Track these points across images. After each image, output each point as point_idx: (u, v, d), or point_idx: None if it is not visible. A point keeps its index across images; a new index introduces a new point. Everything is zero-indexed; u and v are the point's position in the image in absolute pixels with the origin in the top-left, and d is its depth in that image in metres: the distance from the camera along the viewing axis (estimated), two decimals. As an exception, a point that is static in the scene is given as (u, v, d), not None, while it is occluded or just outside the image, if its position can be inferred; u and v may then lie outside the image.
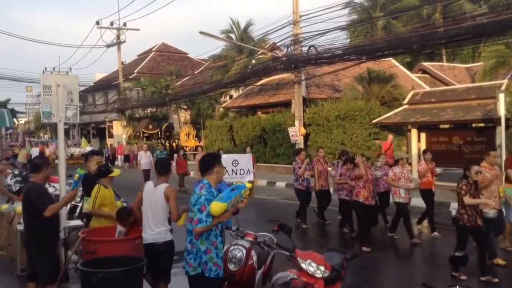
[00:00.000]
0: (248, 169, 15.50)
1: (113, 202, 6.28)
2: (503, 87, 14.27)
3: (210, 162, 4.65)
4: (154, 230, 5.39)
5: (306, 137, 21.26)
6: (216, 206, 4.34)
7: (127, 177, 19.79)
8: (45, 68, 49.73)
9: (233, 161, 15.35)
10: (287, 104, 23.49)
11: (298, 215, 11.52)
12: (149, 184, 5.57)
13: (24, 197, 5.77)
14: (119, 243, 5.63)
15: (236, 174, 15.22)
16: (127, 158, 31.57)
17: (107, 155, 30.86)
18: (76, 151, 34.48)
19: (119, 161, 32.19)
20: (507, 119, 13.00)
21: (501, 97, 12.55)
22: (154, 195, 5.41)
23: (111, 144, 36.22)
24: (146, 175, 17.77)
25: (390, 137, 17.79)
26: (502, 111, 12.54)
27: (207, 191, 4.44)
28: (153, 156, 18.41)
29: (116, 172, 6.48)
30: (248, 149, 17.60)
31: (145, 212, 5.48)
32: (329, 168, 12.18)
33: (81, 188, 7.06)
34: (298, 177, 11.27)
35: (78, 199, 7.08)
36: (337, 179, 10.59)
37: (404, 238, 9.62)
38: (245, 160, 15.76)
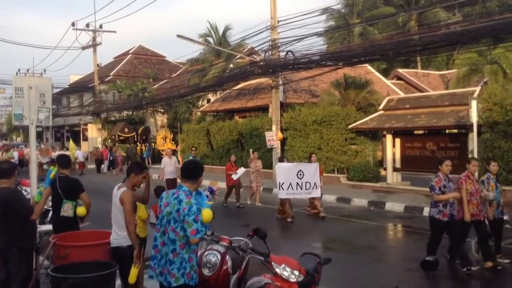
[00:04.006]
0: (315, 183, 12.48)
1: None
2: (475, 94, 14.57)
3: (197, 172, 4.57)
4: (118, 234, 5.35)
5: (283, 142, 21.34)
6: (208, 213, 4.42)
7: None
8: (19, 70, 48.82)
9: (298, 171, 12.36)
10: (264, 109, 23.54)
11: (451, 252, 8.09)
12: (115, 188, 5.50)
13: (3, 203, 5.56)
14: (91, 248, 5.54)
15: (301, 188, 12.34)
16: (112, 162, 30.06)
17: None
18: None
19: (104, 167, 29.98)
20: (479, 126, 13.27)
21: (474, 104, 12.80)
22: (115, 200, 5.36)
23: (97, 148, 33.70)
24: (172, 185, 14.00)
25: None
26: (474, 118, 12.79)
27: (195, 199, 4.40)
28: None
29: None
30: (313, 156, 13.57)
31: (112, 216, 5.46)
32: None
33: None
34: (437, 201, 7.73)
35: (50, 203, 6.91)
36: None
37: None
38: (311, 171, 12.58)
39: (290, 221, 12.10)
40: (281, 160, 13.92)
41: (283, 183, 12.19)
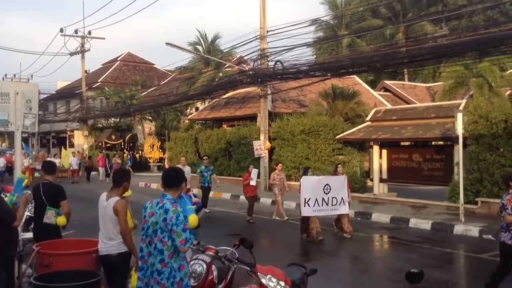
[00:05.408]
0: (342, 198, 11.50)
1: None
2: (461, 107, 14.74)
3: (178, 179, 4.52)
4: (107, 243, 5.28)
5: (271, 151, 21.36)
6: (194, 219, 4.47)
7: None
8: (5, 75, 48.32)
9: (325, 186, 11.35)
10: (252, 118, 23.57)
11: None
12: (102, 197, 5.43)
13: None
14: (75, 257, 5.47)
15: (327, 204, 11.31)
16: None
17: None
18: (56, 162, 31.80)
19: (100, 174, 29.04)
20: (464, 138, 13.41)
21: (459, 116, 12.94)
22: (105, 210, 5.27)
23: (90, 157, 32.63)
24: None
25: None
26: (460, 130, 12.92)
27: (181, 207, 4.34)
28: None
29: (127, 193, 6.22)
30: (340, 167, 12.48)
31: (100, 223, 5.39)
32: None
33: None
34: (508, 224, 6.43)
35: (33, 210, 6.79)
36: None
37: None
38: (338, 184, 11.59)
39: (321, 239, 10.92)
40: (306, 171, 12.23)
41: (309, 199, 11.10)
